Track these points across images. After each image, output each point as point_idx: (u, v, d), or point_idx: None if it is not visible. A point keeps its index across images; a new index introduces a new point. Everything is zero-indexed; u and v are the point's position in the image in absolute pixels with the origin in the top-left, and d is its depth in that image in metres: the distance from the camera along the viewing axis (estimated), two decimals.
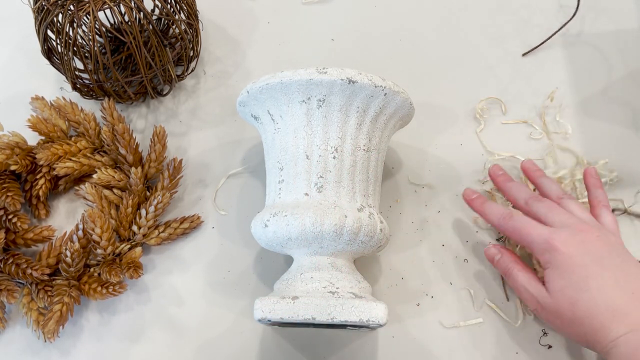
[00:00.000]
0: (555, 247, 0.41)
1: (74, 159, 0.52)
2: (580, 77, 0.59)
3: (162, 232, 0.51)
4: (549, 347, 0.47)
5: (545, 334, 0.47)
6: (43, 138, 0.54)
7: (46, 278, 0.48)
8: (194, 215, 0.53)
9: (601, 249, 0.41)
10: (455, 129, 0.57)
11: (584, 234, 0.41)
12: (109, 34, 0.60)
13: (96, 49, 0.49)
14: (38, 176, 0.52)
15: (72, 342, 0.49)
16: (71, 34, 0.50)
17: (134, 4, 0.49)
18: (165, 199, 0.51)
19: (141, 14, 0.49)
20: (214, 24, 0.65)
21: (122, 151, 0.52)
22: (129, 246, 0.50)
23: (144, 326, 0.50)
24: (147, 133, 0.58)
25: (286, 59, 0.62)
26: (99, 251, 0.49)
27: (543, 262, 0.42)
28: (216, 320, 0.49)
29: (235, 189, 0.55)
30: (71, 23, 0.49)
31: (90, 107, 0.58)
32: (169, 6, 0.53)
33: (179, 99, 0.60)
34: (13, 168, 0.50)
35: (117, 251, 0.50)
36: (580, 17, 0.63)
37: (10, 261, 0.48)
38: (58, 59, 0.54)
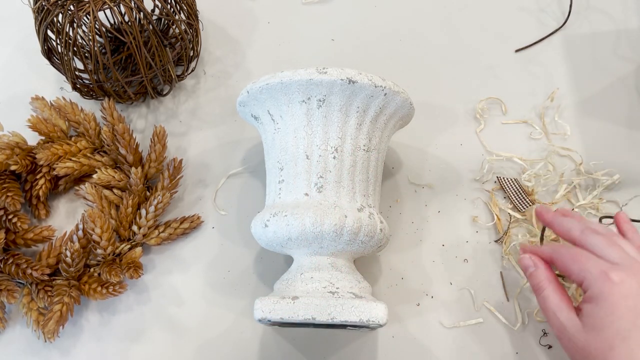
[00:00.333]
0: (612, 282, 0.36)
1: (74, 159, 0.52)
2: (580, 77, 0.59)
3: (162, 232, 0.51)
4: (549, 347, 0.47)
5: (545, 334, 0.47)
6: (43, 138, 0.54)
7: (46, 278, 0.48)
8: (194, 215, 0.53)
9: None
10: (455, 129, 0.57)
11: None
12: (109, 34, 0.60)
13: (96, 49, 0.49)
14: (38, 176, 0.52)
15: (72, 342, 0.49)
16: (71, 34, 0.50)
17: (134, 4, 0.49)
18: (165, 199, 0.51)
19: (141, 14, 0.49)
20: (214, 24, 0.65)
21: (122, 151, 0.52)
22: (129, 246, 0.50)
23: (144, 326, 0.50)
24: (147, 133, 0.58)
25: (286, 59, 0.62)
26: (99, 251, 0.49)
27: (590, 295, 0.37)
28: (216, 320, 0.49)
29: (235, 189, 0.55)
30: (71, 23, 0.49)
31: (90, 107, 0.58)
32: (169, 6, 0.53)
33: (179, 99, 0.60)
34: (13, 168, 0.50)
35: (117, 251, 0.50)
36: (580, 17, 0.63)
37: (10, 261, 0.48)
38: (58, 59, 0.54)
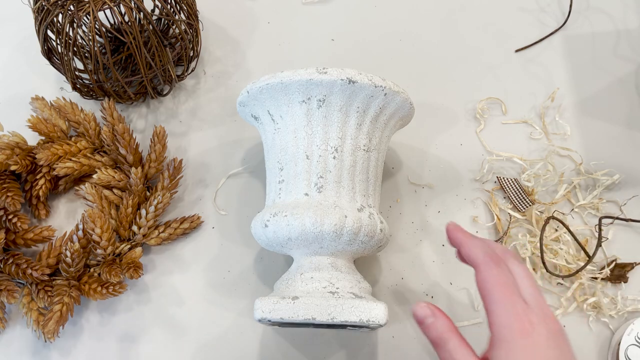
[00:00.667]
0: (523, 331, 0.32)
1: (74, 159, 0.52)
2: (580, 77, 0.59)
3: (162, 232, 0.51)
4: None
5: None
6: (43, 138, 0.54)
7: (46, 278, 0.48)
8: (194, 215, 0.53)
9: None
10: (455, 129, 0.57)
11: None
12: (109, 34, 0.60)
13: (96, 49, 0.49)
14: (38, 176, 0.52)
15: (72, 342, 0.49)
16: (71, 34, 0.50)
17: (134, 4, 0.49)
18: (165, 199, 0.51)
19: (141, 14, 0.49)
20: (214, 24, 0.65)
21: (122, 151, 0.52)
22: (129, 246, 0.50)
23: (144, 326, 0.50)
24: (147, 133, 0.58)
25: (286, 59, 0.62)
26: (99, 251, 0.49)
27: (498, 338, 0.32)
28: (216, 320, 0.49)
29: (235, 189, 0.55)
30: (71, 23, 0.49)
31: (90, 107, 0.58)
32: (169, 6, 0.53)
33: (179, 99, 0.60)
34: (13, 168, 0.50)
35: (117, 251, 0.50)
36: (580, 17, 0.63)
37: (10, 261, 0.48)
38: (58, 59, 0.54)
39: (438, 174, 0.55)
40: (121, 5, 0.49)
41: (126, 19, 0.58)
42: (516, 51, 0.61)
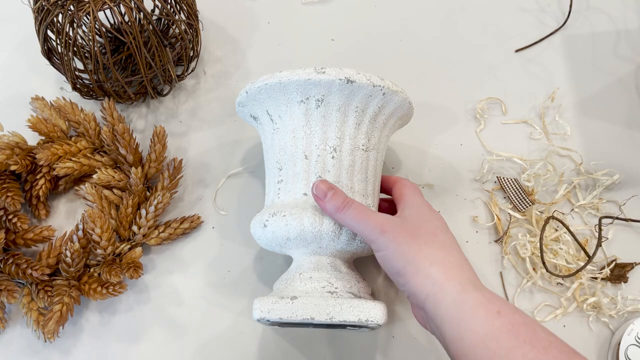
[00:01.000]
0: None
1: (74, 159, 0.52)
2: (580, 77, 0.59)
3: (162, 232, 0.51)
4: None
5: None
6: (43, 138, 0.54)
7: (46, 278, 0.48)
8: (194, 215, 0.53)
9: None
10: (455, 129, 0.57)
11: None
12: (109, 34, 0.60)
13: (96, 49, 0.49)
14: (38, 176, 0.52)
15: (72, 342, 0.49)
16: (71, 34, 0.50)
17: (134, 4, 0.49)
18: (165, 199, 0.51)
19: (141, 14, 0.49)
20: (214, 24, 0.65)
21: (122, 151, 0.52)
22: (129, 246, 0.51)
23: (144, 326, 0.50)
24: (147, 133, 0.58)
25: (286, 59, 0.62)
26: (99, 251, 0.49)
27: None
28: (216, 320, 0.49)
29: (235, 189, 0.55)
30: (71, 23, 0.49)
31: (90, 107, 0.58)
32: (169, 6, 0.53)
33: (179, 99, 0.60)
34: (13, 168, 0.50)
35: (117, 251, 0.50)
36: (580, 17, 0.63)
37: (10, 261, 0.48)
38: (58, 59, 0.54)
39: (438, 174, 0.55)
40: (121, 5, 0.49)
41: (126, 19, 0.58)
42: (516, 51, 0.61)
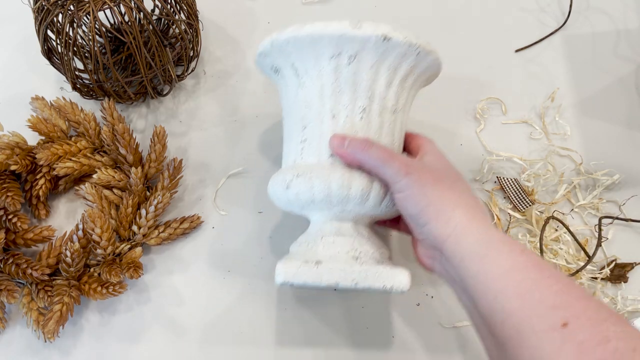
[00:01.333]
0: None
1: (74, 159, 0.52)
2: (580, 77, 0.59)
3: (162, 232, 0.51)
4: None
5: None
6: (43, 138, 0.54)
7: (46, 278, 0.48)
8: (194, 215, 0.53)
9: None
10: (455, 129, 0.57)
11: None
12: (109, 34, 0.60)
13: (96, 49, 0.49)
14: (38, 176, 0.52)
15: (72, 342, 0.49)
16: (71, 34, 0.50)
17: (134, 4, 0.49)
18: (165, 199, 0.51)
19: (141, 14, 0.49)
20: (214, 24, 0.65)
21: (122, 151, 0.52)
22: (129, 246, 0.50)
23: (144, 326, 0.50)
24: (147, 133, 0.58)
25: None
26: (99, 251, 0.49)
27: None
28: (216, 320, 0.49)
29: (235, 189, 0.55)
30: (71, 23, 0.49)
31: (90, 107, 0.58)
32: (169, 6, 0.53)
33: (179, 99, 0.60)
34: (13, 168, 0.50)
35: (117, 251, 0.50)
36: (580, 17, 0.63)
37: (10, 261, 0.48)
38: (58, 59, 0.54)
39: None
40: (121, 5, 0.49)
41: (126, 19, 0.58)
42: (516, 51, 0.61)
